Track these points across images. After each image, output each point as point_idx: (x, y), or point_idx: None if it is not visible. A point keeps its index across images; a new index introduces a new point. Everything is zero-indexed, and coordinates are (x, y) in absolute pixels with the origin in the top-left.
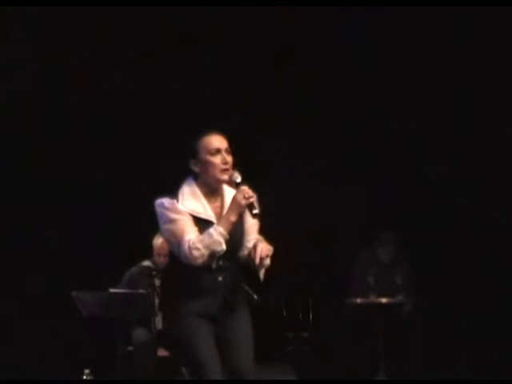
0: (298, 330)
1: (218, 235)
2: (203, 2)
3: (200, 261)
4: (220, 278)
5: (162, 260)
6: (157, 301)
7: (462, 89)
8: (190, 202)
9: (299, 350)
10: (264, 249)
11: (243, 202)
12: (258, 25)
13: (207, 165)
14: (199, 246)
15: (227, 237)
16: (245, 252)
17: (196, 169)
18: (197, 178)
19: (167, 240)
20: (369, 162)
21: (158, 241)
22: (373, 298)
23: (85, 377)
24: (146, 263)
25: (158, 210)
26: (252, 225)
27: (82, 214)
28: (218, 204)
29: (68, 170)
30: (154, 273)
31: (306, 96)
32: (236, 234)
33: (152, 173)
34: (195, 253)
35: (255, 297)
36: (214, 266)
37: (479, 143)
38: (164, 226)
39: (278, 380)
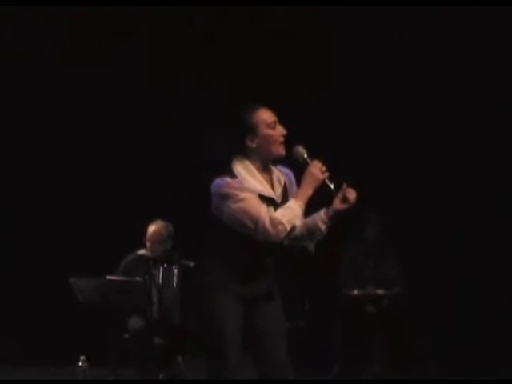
0: (294, 319)
1: (299, 209)
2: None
3: (282, 235)
4: (268, 261)
5: (155, 247)
6: (154, 290)
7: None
8: (250, 180)
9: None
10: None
11: (321, 176)
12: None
13: (267, 138)
14: (283, 220)
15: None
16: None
17: (253, 145)
18: (246, 155)
19: (235, 221)
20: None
21: (151, 228)
22: (370, 290)
23: (80, 363)
24: (142, 252)
25: (224, 190)
26: None
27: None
28: (268, 181)
29: (64, 156)
30: (150, 262)
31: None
32: None
33: (150, 162)
34: (280, 227)
35: None
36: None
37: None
38: (233, 206)
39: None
